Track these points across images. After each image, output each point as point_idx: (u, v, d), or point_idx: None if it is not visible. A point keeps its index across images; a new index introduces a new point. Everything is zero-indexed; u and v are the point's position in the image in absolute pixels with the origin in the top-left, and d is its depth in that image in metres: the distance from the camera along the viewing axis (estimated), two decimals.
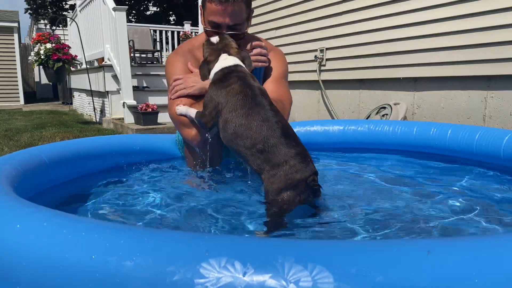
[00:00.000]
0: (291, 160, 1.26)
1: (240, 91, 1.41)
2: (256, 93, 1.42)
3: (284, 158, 1.27)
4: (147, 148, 2.12)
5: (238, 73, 1.48)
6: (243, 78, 1.46)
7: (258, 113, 1.36)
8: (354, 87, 4.55)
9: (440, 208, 1.39)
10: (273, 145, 1.29)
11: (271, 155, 1.29)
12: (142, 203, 1.50)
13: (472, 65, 3.34)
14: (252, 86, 1.44)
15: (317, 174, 1.29)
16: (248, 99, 1.39)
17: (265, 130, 1.31)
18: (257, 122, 1.33)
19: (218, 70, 1.52)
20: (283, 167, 1.26)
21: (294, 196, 1.24)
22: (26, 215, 0.86)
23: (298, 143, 1.33)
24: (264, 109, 1.37)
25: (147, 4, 15.09)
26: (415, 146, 2.23)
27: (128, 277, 0.67)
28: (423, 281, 0.61)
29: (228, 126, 1.40)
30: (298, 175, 1.24)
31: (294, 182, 1.24)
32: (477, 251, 0.66)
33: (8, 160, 1.38)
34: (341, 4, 4.50)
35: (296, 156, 1.27)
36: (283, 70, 1.85)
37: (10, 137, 4.70)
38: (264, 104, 1.39)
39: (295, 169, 1.25)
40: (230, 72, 1.49)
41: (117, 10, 5.62)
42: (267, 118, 1.34)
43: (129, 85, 5.77)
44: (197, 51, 1.82)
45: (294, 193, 1.24)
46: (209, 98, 1.49)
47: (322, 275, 0.61)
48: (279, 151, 1.28)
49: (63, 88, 12.14)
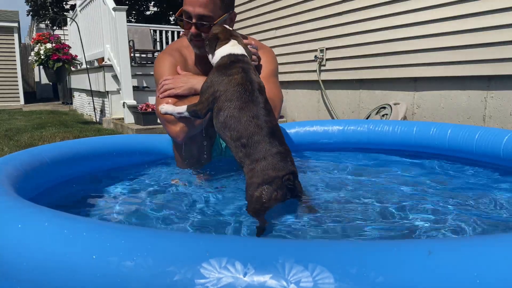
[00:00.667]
0: (270, 157, 1.30)
1: (241, 83, 1.43)
2: (254, 88, 1.44)
3: (263, 155, 1.30)
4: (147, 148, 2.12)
5: (243, 64, 1.49)
6: (247, 70, 1.48)
7: (250, 109, 1.39)
8: (354, 87, 4.55)
9: (440, 208, 1.39)
10: (256, 142, 1.33)
11: (253, 150, 1.33)
12: (143, 203, 1.50)
13: (472, 65, 3.34)
14: (253, 81, 1.46)
15: (295, 175, 1.32)
16: (246, 93, 1.41)
17: (252, 126, 1.35)
18: (247, 118, 1.37)
19: (226, 54, 1.52)
20: (261, 163, 1.30)
21: (271, 191, 1.26)
22: (27, 215, 0.86)
23: (281, 143, 1.36)
24: (257, 107, 1.40)
25: (147, 4, 15.09)
26: (415, 146, 2.23)
27: (129, 277, 0.67)
28: (424, 281, 0.61)
29: (221, 114, 1.43)
30: (274, 172, 1.27)
31: (270, 178, 1.26)
32: (478, 251, 0.66)
33: (9, 160, 1.38)
34: (341, 4, 4.50)
35: (275, 154, 1.30)
36: (273, 68, 1.86)
37: (10, 137, 4.70)
38: (259, 101, 1.42)
39: (271, 166, 1.28)
40: (237, 61, 1.50)
41: (117, 10, 5.62)
42: (257, 115, 1.38)
43: (129, 85, 5.76)
44: (185, 50, 1.83)
45: (271, 189, 1.26)
46: (209, 83, 1.50)
47: (323, 275, 0.61)
48: (260, 147, 1.32)
49: (63, 88, 12.14)
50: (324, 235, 1.17)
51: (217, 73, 1.49)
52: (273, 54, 1.91)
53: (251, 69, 1.50)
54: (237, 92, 1.41)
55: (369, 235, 1.17)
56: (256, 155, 1.32)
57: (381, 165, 2.15)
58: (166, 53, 1.83)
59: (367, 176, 1.87)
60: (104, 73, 6.20)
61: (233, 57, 1.51)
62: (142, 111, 5.10)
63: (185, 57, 1.83)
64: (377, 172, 1.96)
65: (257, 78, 1.50)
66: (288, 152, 1.35)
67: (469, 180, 1.82)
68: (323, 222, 1.26)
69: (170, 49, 1.86)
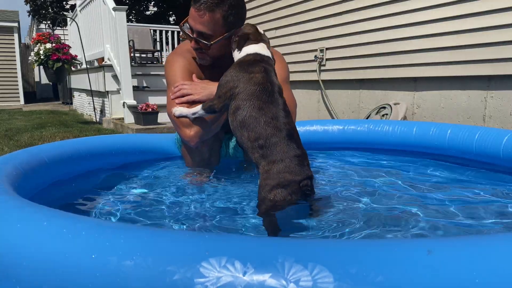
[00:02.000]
0: (287, 160, 1.27)
1: (262, 82, 1.40)
2: (275, 90, 1.42)
3: (281, 157, 1.28)
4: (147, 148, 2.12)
5: (267, 65, 1.47)
6: (269, 71, 1.45)
7: (270, 110, 1.36)
8: (354, 87, 4.55)
9: (440, 208, 1.39)
10: (274, 143, 1.30)
11: (270, 151, 1.30)
12: (142, 202, 1.50)
13: (472, 65, 3.34)
14: (274, 82, 1.44)
15: (312, 179, 1.29)
16: (266, 93, 1.38)
17: (271, 128, 1.32)
18: (267, 118, 1.34)
19: (252, 52, 1.49)
20: (277, 165, 1.27)
21: (285, 195, 1.24)
22: (26, 215, 0.86)
23: (299, 146, 1.33)
24: (277, 108, 1.38)
25: (147, 4, 15.09)
26: (414, 146, 2.24)
27: (128, 277, 0.67)
28: (424, 281, 0.61)
29: (239, 113, 1.39)
30: (291, 176, 1.25)
31: (286, 181, 1.24)
32: (477, 251, 0.66)
33: (9, 160, 1.38)
34: (341, 4, 4.50)
35: (293, 157, 1.28)
36: (285, 74, 1.86)
37: (10, 137, 4.70)
38: (279, 103, 1.40)
39: (289, 169, 1.26)
40: (261, 61, 1.47)
41: (117, 10, 5.62)
42: (277, 116, 1.35)
43: (129, 85, 5.76)
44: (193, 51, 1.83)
45: (285, 193, 1.24)
46: (229, 78, 1.46)
47: (322, 274, 0.61)
48: (278, 149, 1.29)
49: (63, 88, 12.14)
50: (324, 235, 1.17)
51: (239, 68, 1.46)
52: (284, 60, 1.90)
53: (273, 72, 1.48)
54: (258, 92, 1.38)
55: (369, 234, 1.17)
56: (273, 156, 1.29)
57: (381, 165, 2.15)
58: (178, 54, 1.81)
59: (366, 176, 1.87)
60: (104, 73, 6.20)
61: (258, 56, 1.48)
62: (142, 111, 5.10)
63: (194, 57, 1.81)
64: (377, 172, 1.96)
65: (277, 81, 1.48)
66: (305, 156, 1.33)
67: (469, 180, 1.82)
68: (322, 222, 1.26)
69: (182, 50, 1.84)
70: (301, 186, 1.25)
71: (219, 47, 1.67)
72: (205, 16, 1.57)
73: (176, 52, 1.86)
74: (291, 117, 1.41)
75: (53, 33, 6.28)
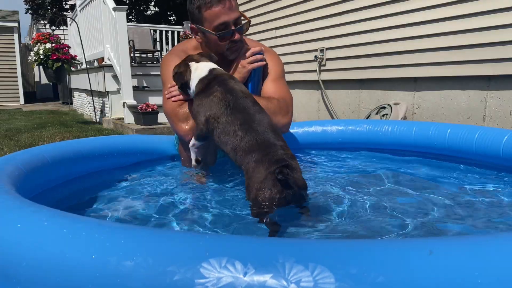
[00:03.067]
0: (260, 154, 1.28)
1: (222, 98, 1.45)
2: (237, 96, 1.45)
3: (255, 155, 1.29)
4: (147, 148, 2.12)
5: (217, 78, 1.52)
6: (224, 82, 1.50)
7: (237, 118, 1.40)
8: (354, 87, 4.55)
9: (441, 208, 1.39)
10: (247, 145, 1.33)
11: (245, 153, 1.33)
12: (142, 202, 1.50)
13: (472, 65, 3.34)
14: (233, 90, 1.47)
15: (289, 167, 1.22)
16: (230, 106, 1.43)
17: (242, 133, 1.36)
18: (235, 128, 1.38)
19: (197, 82, 1.55)
20: (252, 163, 1.29)
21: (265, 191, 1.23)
22: (27, 215, 0.86)
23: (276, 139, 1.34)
24: (244, 113, 1.41)
25: (147, 4, 15.09)
26: (414, 146, 2.23)
27: (128, 277, 0.67)
28: (425, 281, 0.61)
29: (215, 134, 1.46)
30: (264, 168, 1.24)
31: (262, 176, 1.24)
32: (479, 251, 0.66)
33: (10, 160, 1.38)
34: (341, 4, 4.50)
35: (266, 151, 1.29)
36: (280, 69, 1.89)
37: (10, 137, 4.70)
38: (246, 106, 1.43)
39: (261, 162, 1.26)
40: (210, 81, 1.52)
41: (117, 10, 5.62)
42: (245, 121, 1.38)
43: (129, 85, 5.76)
44: (191, 52, 1.83)
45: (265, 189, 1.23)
46: (195, 112, 1.54)
47: (323, 275, 0.61)
48: (251, 148, 1.32)
49: (63, 88, 12.14)
50: (324, 235, 1.16)
51: (198, 99, 1.53)
52: (277, 56, 1.93)
53: (227, 79, 1.52)
54: (221, 108, 1.43)
55: (369, 234, 1.17)
56: (248, 157, 1.31)
57: (381, 165, 2.15)
58: (174, 54, 1.84)
59: (366, 176, 1.87)
60: (104, 73, 6.20)
61: (205, 79, 1.54)
62: (142, 111, 5.10)
63: None
64: (377, 172, 1.96)
65: (237, 85, 1.51)
66: (284, 147, 1.33)
67: (469, 180, 1.82)
68: (323, 222, 1.25)
69: (178, 50, 1.87)
70: (276, 175, 1.20)
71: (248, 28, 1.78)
72: (233, 1, 1.66)
73: (171, 52, 1.88)
74: (265, 113, 1.44)
75: (53, 33, 6.27)
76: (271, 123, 1.42)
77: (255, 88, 1.81)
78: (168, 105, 1.73)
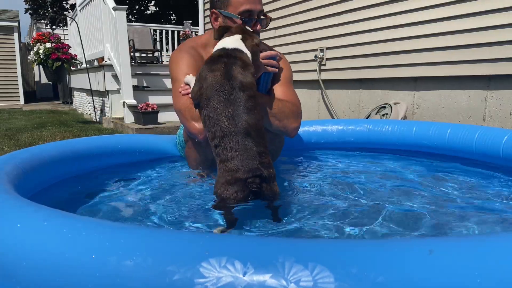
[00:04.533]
0: (237, 158, 1.27)
1: (219, 81, 1.38)
2: (234, 86, 1.38)
3: (231, 155, 1.28)
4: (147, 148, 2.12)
5: (229, 59, 1.44)
6: (230, 66, 1.42)
7: (227, 108, 1.34)
8: (354, 87, 4.55)
9: (441, 207, 1.39)
10: (227, 142, 1.30)
11: (222, 150, 1.31)
12: (142, 202, 1.50)
13: (472, 65, 3.33)
14: (234, 78, 1.40)
15: (261, 177, 1.25)
16: (224, 92, 1.37)
17: (226, 126, 1.32)
18: (223, 118, 1.33)
19: (220, 47, 1.50)
20: (227, 163, 1.28)
21: (231, 193, 1.24)
22: (27, 214, 0.85)
23: (257, 144, 1.31)
24: (235, 105, 1.35)
25: (147, 4, 15.09)
26: (414, 146, 2.24)
27: (128, 277, 0.67)
28: (425, 281, 0.61)
29: (202, 113, 1.41)
30: (238, 174, 1.24)
31: (233, 179, 1.24)
32: (479, 251, 0.66)
33: (9, 159, 1.38)
34: (341, 4, 4.50)
35: (244, 155, 1.27)
36: (290, 74, 1.89)
37: (10, 137, 4.70)
38: (238, 99, 1.36)
39: (237, 167, 1.25)
40: (225, 55, 1.46)
41: (117, 9, 5.62)
42: (233, 115, 1.33)
43: (129, 84, 5.76)
44: (200, 48, 1.82)
45: (232, 190, 1.24)
46: (198, 76, 1.48)
47: (323, 274, 0.61)
48: (230, 148, 1.29)
49: (63, 87, 12.14)
50: (324, 235, 1.16)
51: (204, 67, 1.46)
52: (287, 61, 1.92)
53: (236, 64, 1.44)
54: (215, 91, 1.37)
55: (369, 234, 1.17)
56: (225, 155, 1.29)
57: (380, 165, 2.15)
58: (183, 51, 1.81)
59: (366, 175, 1.87)
60: (104, 73, 6.20)
61: (223, 51, 1.47)
62: (142, 111, 5.09)
63: (200, 55, 1.81)
64: (377, 172, 1.96)
65: (242, 75, 1.42)
66: (263, 154, 1.30)
67: (469, 179, 1.82)
68: (322, 222, 1.25)
69: (187, 46, 1.84)
70: (247, 184, 1.23)
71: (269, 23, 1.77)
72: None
73: (181, 48, 1.85)
74: (256, 113, 1.38)
75: (53, 32, 6.27)
76: (258, 125, 1.37)
77: (264, 90, 1.77)
78: (182, 102, 1.66)
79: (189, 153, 1.86)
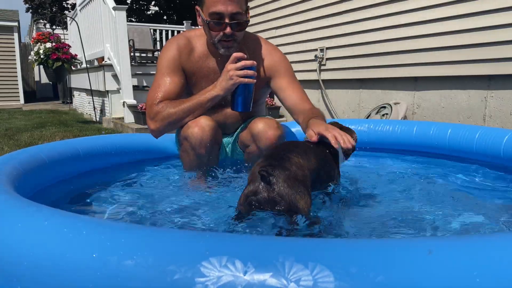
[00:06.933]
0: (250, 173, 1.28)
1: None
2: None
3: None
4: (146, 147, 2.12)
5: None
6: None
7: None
8: (354, 87, 4.55)
9: (441, 207, 1.39)
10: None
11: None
12: (143, 202, 1.50)
13: (472, 65, 3.33)
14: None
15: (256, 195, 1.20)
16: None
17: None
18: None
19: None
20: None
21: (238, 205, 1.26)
22: (27, 214, 0.86)
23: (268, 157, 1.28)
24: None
25: (148, 4, 15.08)
26: (414, 146, 2.24)
27: (129, 276, 0.67)
28: (424, 281, 0.61)
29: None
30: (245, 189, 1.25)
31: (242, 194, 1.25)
32: (478, 251, 0.66)
33: (9, 159, 1.38)
34: (341, 3, 4.50)
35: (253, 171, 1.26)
36: (290, 67, 1.86)
37: (10, 136, 4.70)
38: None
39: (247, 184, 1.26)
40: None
41: (117, 9, 5.62)
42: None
43: (129, 84, 5.76)
44: (196, 40, 1.81)
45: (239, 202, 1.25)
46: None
47: (323, 274, 0.61)
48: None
49: (63, 87, 12.13)
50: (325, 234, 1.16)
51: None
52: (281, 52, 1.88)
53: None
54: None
55: (369, 234, 1.17)
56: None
57: (381, 164, 2.15)
58: (174, 42, 1.80)
59: (366, 175, 1.87)
60: (104, 73, 6.19)
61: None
62: (142, 111, 5.09)
63: (193, 46, 1.80)
64: (377, 171, 1.96)
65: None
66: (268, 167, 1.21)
67: (469, 179, 1.82)
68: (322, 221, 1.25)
69: (181, 35, 1.83)
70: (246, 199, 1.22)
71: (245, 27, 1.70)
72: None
73: (175, 37, 1.85)
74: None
75: (53, 32, 6.27)
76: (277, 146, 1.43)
77: (247, 103, 1.66)
78: (149, 96, 1.74)
79: (183, 156, 1.81)
